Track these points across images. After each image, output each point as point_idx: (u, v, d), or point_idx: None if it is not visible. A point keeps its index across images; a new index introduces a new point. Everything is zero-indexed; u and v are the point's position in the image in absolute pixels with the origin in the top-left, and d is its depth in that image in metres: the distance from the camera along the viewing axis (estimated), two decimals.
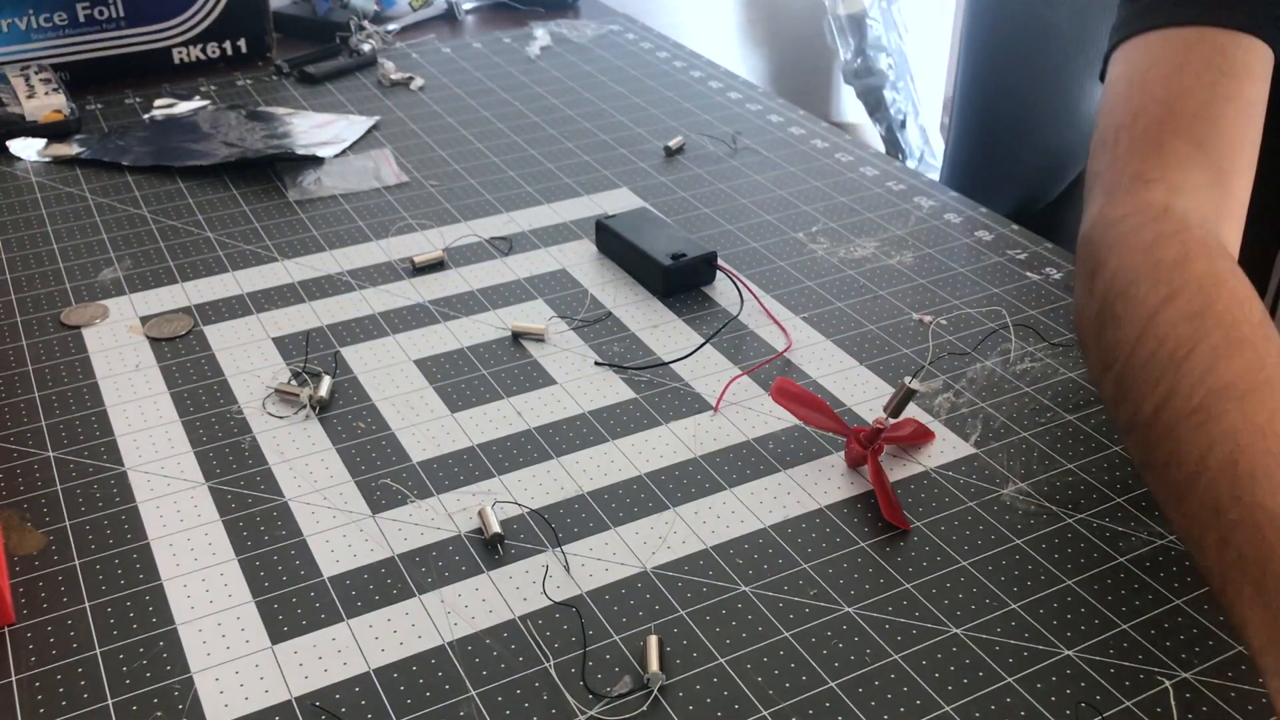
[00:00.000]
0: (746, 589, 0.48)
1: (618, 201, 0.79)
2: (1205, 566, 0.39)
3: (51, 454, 0.55)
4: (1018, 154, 1.05)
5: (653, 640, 0.44)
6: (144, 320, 0.65)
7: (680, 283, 0.68)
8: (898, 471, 0.54)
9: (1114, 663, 0.44)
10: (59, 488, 0.53)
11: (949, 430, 0.57)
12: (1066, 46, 0.99)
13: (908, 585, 0.48)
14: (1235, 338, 0.42)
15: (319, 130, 0.89)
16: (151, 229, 0.75)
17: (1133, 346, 0.44)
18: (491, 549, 0.49)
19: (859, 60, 1.94)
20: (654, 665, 0.43)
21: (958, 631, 0.45)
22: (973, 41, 1.07)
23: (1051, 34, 1.00)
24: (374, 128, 0.90)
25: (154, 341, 0.64)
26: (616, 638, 0.45)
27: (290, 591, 0.47)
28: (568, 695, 0.43)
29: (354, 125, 0.90)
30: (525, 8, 1.17)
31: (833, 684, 0.43)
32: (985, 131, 1.07)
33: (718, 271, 0.69)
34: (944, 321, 0.65)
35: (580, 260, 0.72)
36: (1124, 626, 0.46)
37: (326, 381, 0.59)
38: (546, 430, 0.57)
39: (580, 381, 0.60)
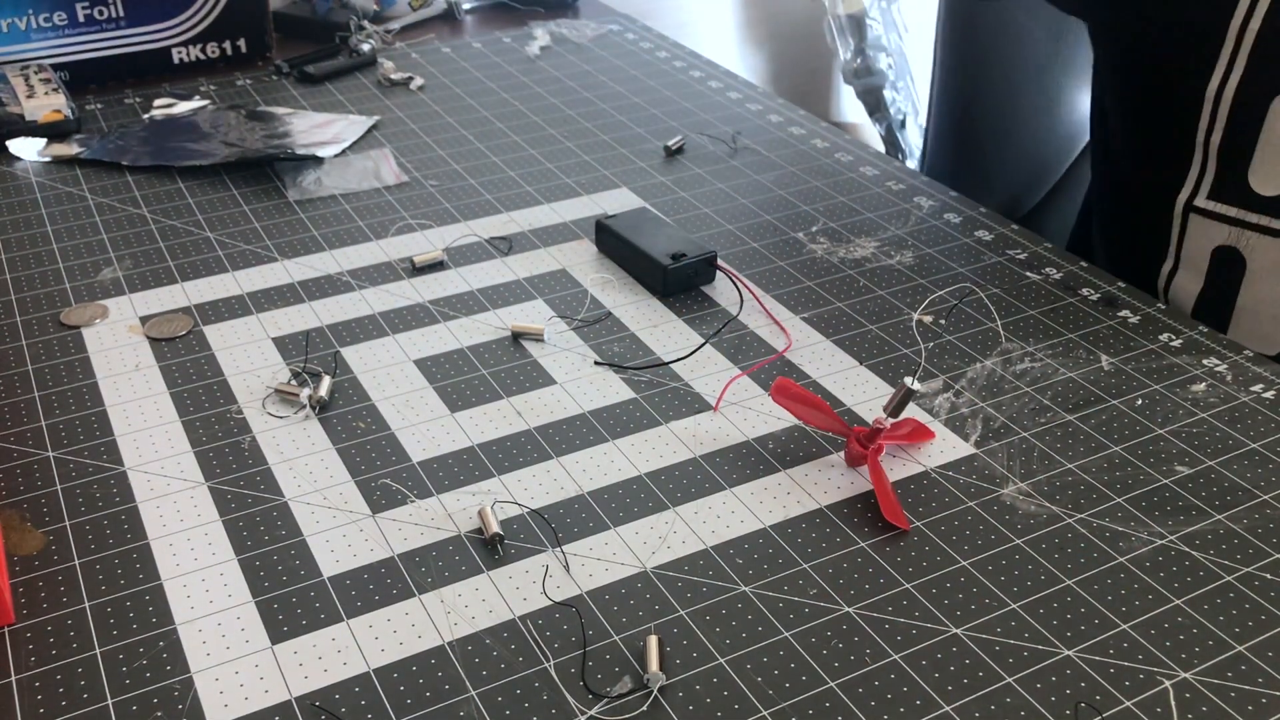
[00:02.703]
0: (746, 589, 0.48)
1: (618, 201, 0.79)
2: None
3: (51, 454, 0.55)
4: (995, 162, 1.05)
5: (653, 640, 0.44)
6: (144, 320, 0.65)
7: (680, 283, 0.68)
8: (898, 471, 0.54)
9: (1114, 663, 0.44)
10: (59, 488, 0.53)
11: (949, 430, 0.57)
12: (1043, 54, 1.00)
13: (908, 585, 0.48)
14: None
15: (319, 130, 0.89)
16: (151, 229, 0.75)
17: None
18: (491, 549, 0.49)
19: (859, 60, 1.94)
20: (654, 665, 0.43)
21: (958, 631, 0.45)
22: (949, 49, 1.07)
23: (1027, 41, 1.00)
24: (374, 128, 0.90)
25: (154, 341, 0.64)
26: (616, 638, 0.45)
27: (290, 591, 0.47)
28: (568, 695, 0.43)
29: (354, 125, 0.90)
30: (525, 8, 1.17)
31: (833, 684, 0.43)
32: (963, 139, 1.07)
33: (717, 271, 0.69)
34: (944, 321, 0.65)
35: (580, 260, 0.72)
36: (1124, 626, 0.46)
37: (326, 381, 0.59)
38: (546, 430, 0.57)
39: (580, 381, 0.60)
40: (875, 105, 1.98)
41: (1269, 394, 0.59)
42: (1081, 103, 1.04)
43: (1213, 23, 0.66)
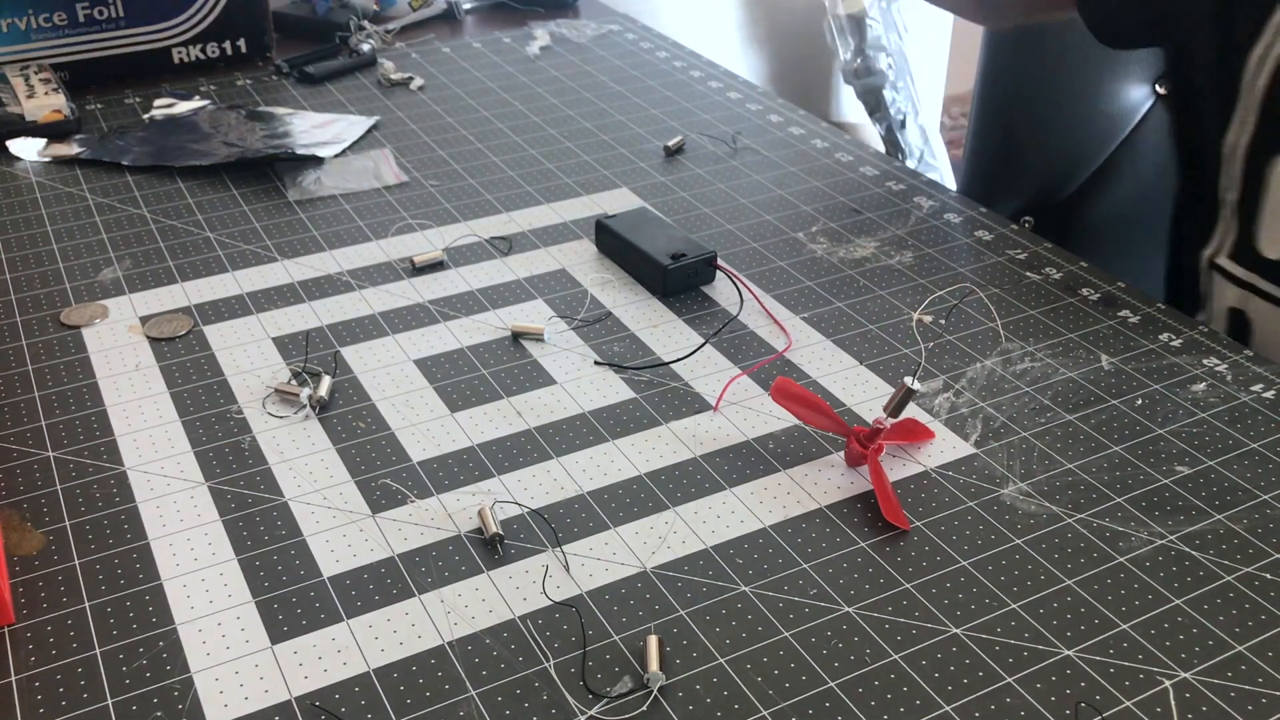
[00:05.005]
0: (746, 589, 0.48)
1: (618, 201, 0.79)
2: None
3: (51, 454, 0.55)
4: (1034, 150, 1.05)
5: (653, 640, 0.44)
6: (144, 320, 0.65)
7: (680, 283, 0.68)
8: (898, 471, 0.54)
9: (1114, 663, 0.44)
10: (59, 488, 0.53)
11: (949, 430, 0.57)
12: (1083, 46, 1.00)
13: (908, 585, 0.48)
14: None
15: (319, 130, 0.89)
16: (151, 229, 0.75)
17: None
18: (491, 549, 0.49)
19: (859, 60, 1.94)
20: (654, 665, 0.43)
21: (958, 631, 0.45)
22: (993, 39, 1.07)
23: (1069, 33, 1.01)
24: (374, 128, 0.90)
25: (154, 341, 0.64)
26: (616, 638, 0.45)
27: (290, 591, 0.47)
28: (568, 695, 0.43)
29: (354, 125, 0.90)
30: (525, 8, 1.17)
31: (833, 684, 0.43)
32: (1003, 128, 1.07)
33: (717, 271, 0.69)
34: (944, 321, 0.65)
35: (580, 260, 0.72)
36: (1124, 626, 0.46)
37: (326, 381, 0.59)
38: (546, 430, 0.57)
39: (580, 381, 0.60)
40: (875, 105, 1.97)
41: (1269, 394, 0.59)
42: (1120, 94, 1.05)
43: (1230, 76, 0.64)
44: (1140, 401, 0.59)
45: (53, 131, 0.87)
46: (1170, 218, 0.78)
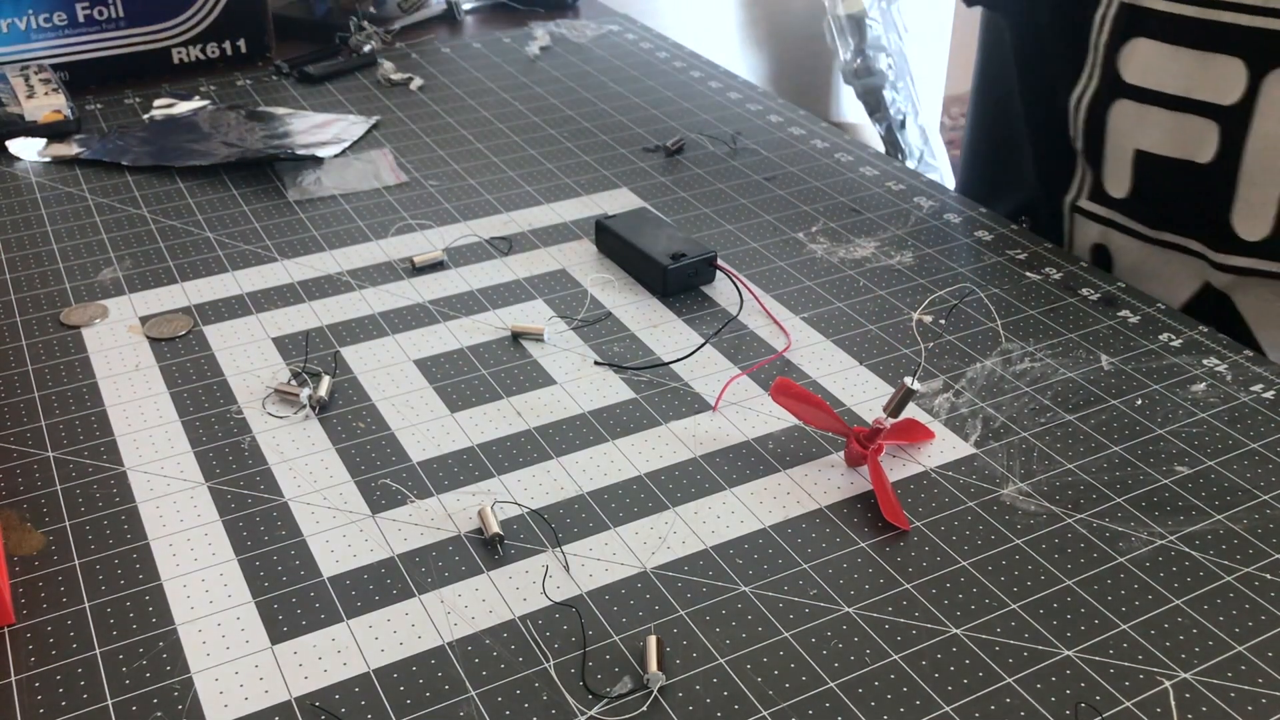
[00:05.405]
0: (746, 589, 0.48)
1: (618, 201, 0.79)
2: None
3: (51, 454, 0.55)
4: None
5: (652, 640, 0.44)
6: (144, 320, 0.65)
7: (680, 283, 0.68)
8: (898, 471, 0.54)
9: (1114, 663, 0.44)
10: (59, 488, 0.53)
11: (949, 430, 0.57)
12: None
13: (908, 585, 0.48)
14: None
15: (319, 130, 0.89)
16: (151, 229, 0.75)
17: None
18: (491, 549, 0.49)
19: (859, 60, 1.94)
20: (654, 665, 0.43)
21: (958, 631, 0.45)
22: (989, 39, 1.07)
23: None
24: (374, 128, 0.90)
25: (154, 341, 0.64)
26: (616, 638, 0.45)
27: (290, 591, 0.47)
28: (567, 695, 0.43)
29: (354, 125, 0.90)
30: (525, 8, 1.18)
31: (833, 684, 0.43)
32: (999, 126, 1.08)
33: (717, 271, 0.69)
34: (944, 321, 0.65)
35: (580, 260, 0.72)
36: (1124, 626, 0.46)
37: (326, 381, 0.59)
38: (546, 430, 0.57)
39: (580, 381, 0.60)
40: (875, 105, 1.97)
41: (1269, 394, 0.59)
42: None
43: (1079, 37, 0.72)
44: (1140, 401, 0.59)
45: (53, 131, 0.87)
46: (1031, 170, 0.85)
